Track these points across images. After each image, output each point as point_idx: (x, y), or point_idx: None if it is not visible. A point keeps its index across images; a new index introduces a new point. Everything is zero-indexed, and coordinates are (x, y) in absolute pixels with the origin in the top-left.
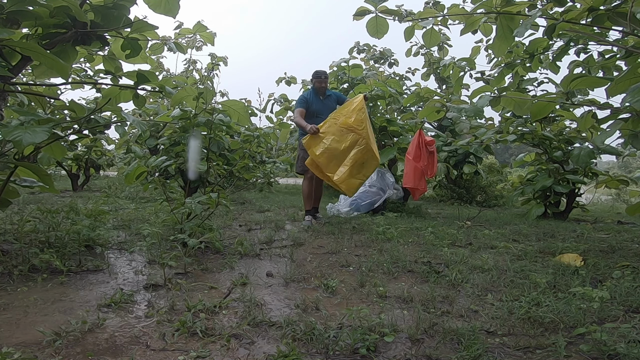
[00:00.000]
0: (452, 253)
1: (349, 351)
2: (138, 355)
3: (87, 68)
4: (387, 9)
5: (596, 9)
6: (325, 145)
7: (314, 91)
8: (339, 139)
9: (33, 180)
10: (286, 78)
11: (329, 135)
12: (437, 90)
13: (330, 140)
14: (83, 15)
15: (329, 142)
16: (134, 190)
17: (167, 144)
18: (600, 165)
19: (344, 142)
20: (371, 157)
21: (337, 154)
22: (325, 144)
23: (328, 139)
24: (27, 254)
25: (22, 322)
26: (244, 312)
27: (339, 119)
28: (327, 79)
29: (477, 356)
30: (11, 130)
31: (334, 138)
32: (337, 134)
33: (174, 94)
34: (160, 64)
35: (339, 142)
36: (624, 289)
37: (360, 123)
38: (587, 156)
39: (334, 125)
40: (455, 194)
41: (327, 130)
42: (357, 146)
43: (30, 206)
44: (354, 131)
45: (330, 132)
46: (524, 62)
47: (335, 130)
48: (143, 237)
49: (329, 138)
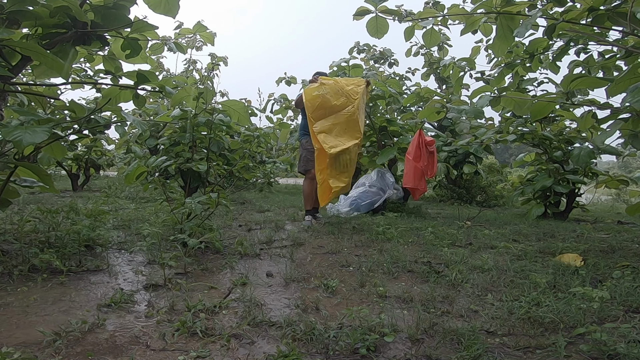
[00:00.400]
0: (452, 253)
1: (349, 351)
2: (138, 355)
3: (87, 68)
4: (387, 9)
5: (596, 9)
6: (321, 92)
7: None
8: (333, 95)
9: (33, 180)
10: (286, 78)
11: (327, 87)
12: (437, 90)
13: (326, 91)
14: (83, 15)
15: (324, 91)
16: (134, 190)
17: (167, 144)
18: (600, 165)
19: (334, 100)
20: (354, 127)
21: (327, 106)
22: (321, 91)
23: (324, 89)
24: (27, 254)
25: (22, 322)
26: (244, 312)
27: (339, 82)
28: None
29: (477, 356)
30: (11, 130)
31: (329, 92)
32: (332, 91)
33: (174, 94)
34: (160, 64)
35: (332, 97)
36: (624, 289)
37: (355, 94)
38: (587, 156)
39: (334, 84)
40: (455, 194)
41: (326, 84)
42: (344, 111)
43: (30, 206)
44: (348, 97)
45: (328, 86)
46: (524, 62)
47: (332, 88)
48: (143, 237)
49: (325, 89)
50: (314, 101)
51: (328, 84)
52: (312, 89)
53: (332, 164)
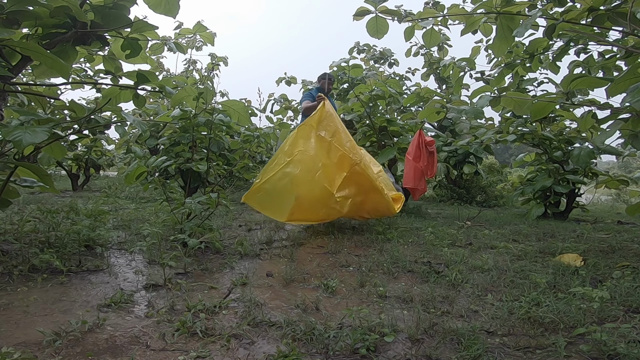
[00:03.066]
0: (452, 253)
1: (349, 351)
2: (138, 355)
3: (87, 68)
4: (387, 9)
5: (596, 9)
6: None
7: (318, 90)
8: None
9: (33, 180)
10: (286, 78)
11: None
12: (437, 90)
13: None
14: (83, 15)
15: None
16: (134, 190)
17: (167, 144)
18: (600, 165)
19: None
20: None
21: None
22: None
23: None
24: (27, 254)
25: (22, 322)
26: (244, 312)
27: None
28: (332, 82)
29: (477, 356)
30: (11, 130)
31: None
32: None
33: (174, 94)
34: (160, 64)
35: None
36: (624, 289)
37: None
38: (587, 156)
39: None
40: (455, 194)
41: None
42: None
43: (30, 206)
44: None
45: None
46: (524, 62)
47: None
48: (143, 237)
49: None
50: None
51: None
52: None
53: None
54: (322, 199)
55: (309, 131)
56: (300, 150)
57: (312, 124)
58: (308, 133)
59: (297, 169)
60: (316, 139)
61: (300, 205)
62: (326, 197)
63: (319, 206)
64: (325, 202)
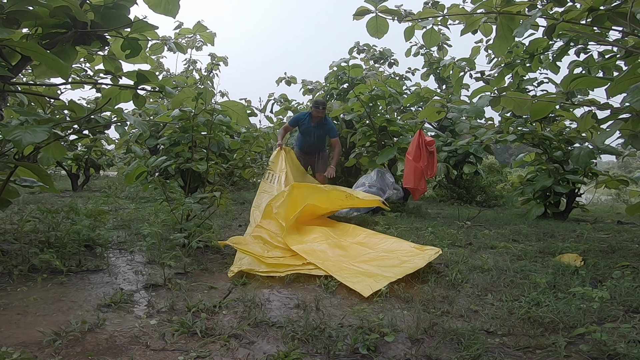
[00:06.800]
0: (452, 253)
1: (349, 351)
2: (138, 355)
3: (87, 68)
4: (387, 9)
5: (596, 9)
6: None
7: (310, 115)
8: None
9: (33, 180)
10: (286, 78)
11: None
12: (437, 90)
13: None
14: (83, 15)
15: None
16: (134, 190)
17: (167, 144)
18: (600, 165)
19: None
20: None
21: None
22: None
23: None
24: (27, 254)
25: (22, 322)
26: (244, 312)
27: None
28: (324, 110)
29: (477, 356)
30: (11, 130)
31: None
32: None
33: (174, 94)
34: (160, 64)
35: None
36: (624, 289)
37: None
38: (587, 156)
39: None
40: (455, 194)
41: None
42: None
43: (30, 206)
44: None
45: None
46: (524, 62)
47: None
48: (143, 237)
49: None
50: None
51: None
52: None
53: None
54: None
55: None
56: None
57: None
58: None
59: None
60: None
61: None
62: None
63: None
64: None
